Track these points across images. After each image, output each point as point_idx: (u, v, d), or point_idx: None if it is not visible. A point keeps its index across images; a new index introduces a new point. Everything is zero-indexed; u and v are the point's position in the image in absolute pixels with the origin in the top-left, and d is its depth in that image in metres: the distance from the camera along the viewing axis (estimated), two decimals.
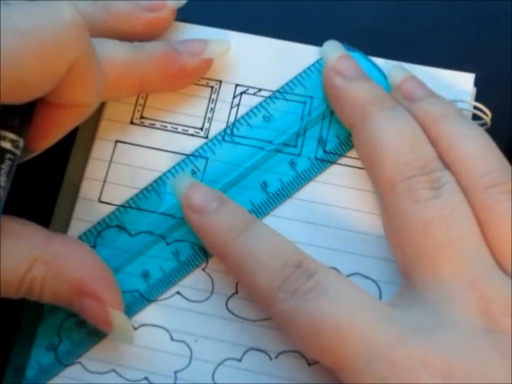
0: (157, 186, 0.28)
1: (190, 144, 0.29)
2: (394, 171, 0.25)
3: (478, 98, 0.29)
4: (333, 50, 0.29)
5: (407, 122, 0.26)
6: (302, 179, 0.28)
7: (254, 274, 0.24)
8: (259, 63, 0.30)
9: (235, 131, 0.29)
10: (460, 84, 0.29)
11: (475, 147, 0.25)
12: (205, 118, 0.29)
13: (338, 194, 0.28)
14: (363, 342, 0.22)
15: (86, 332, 0.26)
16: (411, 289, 0.24)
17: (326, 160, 0.28)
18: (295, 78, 0.29)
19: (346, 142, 0.28)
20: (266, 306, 0.24)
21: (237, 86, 0.30)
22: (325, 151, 0.28)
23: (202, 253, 0.27)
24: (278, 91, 0.29)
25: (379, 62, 0.29)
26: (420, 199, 0.24)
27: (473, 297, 0.23)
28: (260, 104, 0.29)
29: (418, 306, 0.24)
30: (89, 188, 0.28)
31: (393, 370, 0.22)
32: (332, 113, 0.29)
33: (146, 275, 0.27)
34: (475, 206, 0.25)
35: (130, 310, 0.27)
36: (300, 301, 0.23)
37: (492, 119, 0.28)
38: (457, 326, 0.23)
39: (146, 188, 0.28)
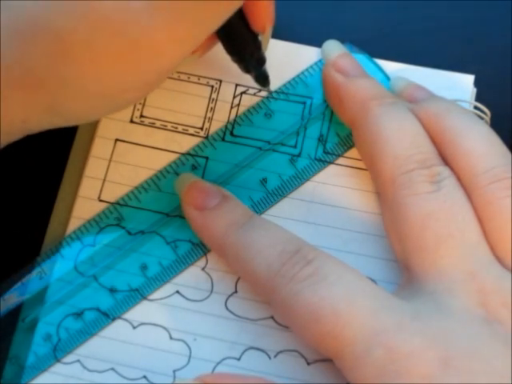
0: (157, 180, 0.28)
1: (190, 144, 0.29)
2: (395, 165, 0.25)
3: (477, 98, 0.29)
4: (333, 48, 0.29)
5: (408, 118, 0.26)
6: (302, 177, 0.28)
7: (253, 261, 0.24)
8: None
9: (236, 129, 0.29)
10: (460, 85, 0.29)
11: (479, 142, 0.25)
12: (205, 117, 0.29)
13: (336, 194, 0.28)
14: (363, 329, 0.22)
15: (86, 327, 0.27)
16: (411, 281, 0.25)
17: (327, 159, 0.28)
18: (297, 76, 0.29)
19: (346, 141, 0.28)
20: (266, 294, 0.24)
21: (237, 85, 0.30)
22: (325, 149, 0.28)
23: (200, 247, 0.27)
24: (279, 89, 0.29)
25: (380, 63, 0.30)
26: (420, 192, 0.25)
27: (472, 288, 0.23)
28: (262, 101, 0.29)
29: (418, 297, 0.24)
30: (88, 186, 0.28)
31: (392, 357, 0.22)
32: (332, 112, 0.29)
33: (144, 268, 0.27)
34: (476, 200, 0.25)
35: (128, 304, 0.27)
36: (299, 286, 0.23)
37: (492, 119, 0.28)
38: (456, 315, 0.23)
39: (146, 183, 0.28)
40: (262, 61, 0.28)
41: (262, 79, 0.28)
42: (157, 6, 0.21)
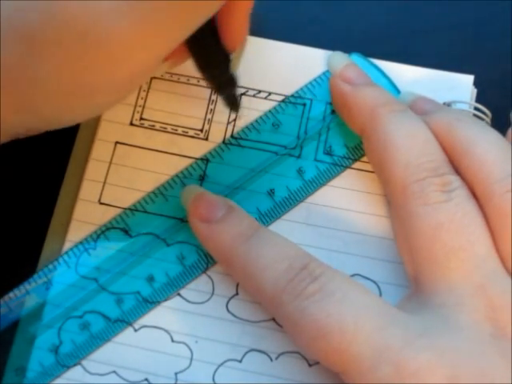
0: (164, 190, 0.28)
1: (190, 146, 0.29)
2: (406, 173, 0.25)
3: (477, 99, 0.29)
4: (338, 60, 0.29)
5: (418, 125, 0.26)
6: (310, 188, 0.28)
7: (259, 276, 0.24)
8: (258, 65, 0.30)
9: (243, 139, 0.29)
10: (459, 85, 0.29)
11: (493, 150, 0.25)
12: (205, 119, 0.29)
13: (337, 196, 0.28)
14: (369, 345, 0.22)
15: (90, 335, 0.27)
16: (419, 292, 0.24)
17: (334, 170, 0.28)
18: (305, 86, 0.29)
19: (355, 152, 0.28)
20: (272, 309, 0.24)
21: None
22: (333, 161, 0.28)
23: (206, 257, 0.27)
24: (287, 99, 0.29)
25: (380, 63, 0.30)
26: (431, 202, 0.24)
27: (481, 303, 0.23)
28: (269, 111, 0.29)
29: (426, 310, 0.23)
30: (89, 189, 0.28)
31: (399, 374, 0.22)
32: (340, 123, 0.28)
33: (150, 279, 0.27)
34: (490, 210, 0.24)
35: (134, 314, 0.27)
36: (305, 303, 0.23)
37: (492, 120, 0.28)
38: (464, 331, 0.23)
39: (153, 191, 0.28)
40: (232, 82, 0.27)
41: (231, 102, 0.28)
42: (125, 8, 0.21)
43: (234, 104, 0.28)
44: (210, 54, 0.26)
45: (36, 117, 0.23)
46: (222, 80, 0.27)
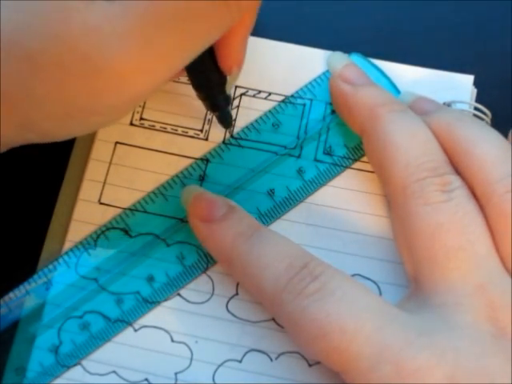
0: (164, 190, 0.28)
1: (190, 146, 0.29)
2: (406, 173, 0.25)
3: (477, 99, 0.29)
4: (338, 60, 0.29)
5: (418, 125, 0.26)
6: (310, 188, 0.28)
7: (260, 276, 0.24)
8: (258, 65, 0.30)
9: (243, 139, 0.29)
10: (459, 85, 0.29)
11: (493, 150, 0.25)
12: (205, 119, 0.29)
13: (337, 196, 0.28)
14: (370, 345, 0.22)
15: (90, 335, 0.27)
16: (419, 292, 0.25)
17: (334, 170, 0.28)
18: (305, 86, 0.29)
19: (355, 152, 0.28)
20: (272, 309, 0.24)
21: (236, 87, 0.30)
22: (333, 161, 0.28)
23: (206, 257, 0.27)
24: (287, 99, 0.29)
25: (380, 63, 0.30)
26: (431, 202, 0.24)
27: (481, 303, 0.23)
28: (269, 111, 0.29)
29: (426, 310, 0.24)
30: (89, 189, 0.28)
31: (399, 373, 0.22)
32: (339, 123, 0.29)
33: (150, 279, 0.27)
34: (490, 210, 0.24)
35: (134, 314, 0.27)
36: (305, 302, 0.23)
37: (492, 119, 0.28)
38: (464, 330, 0.23)
39: (153, 191, 0.28)
40: (226, 102, 0.27)
41: (225, 120, 0.28)
42: (127, 33, 0.21)
43: (226, 122, 0.28)
44: (206, 75, 0.26)
45: (34, 132, 0.24)
46: (216, 100, 0.27)
